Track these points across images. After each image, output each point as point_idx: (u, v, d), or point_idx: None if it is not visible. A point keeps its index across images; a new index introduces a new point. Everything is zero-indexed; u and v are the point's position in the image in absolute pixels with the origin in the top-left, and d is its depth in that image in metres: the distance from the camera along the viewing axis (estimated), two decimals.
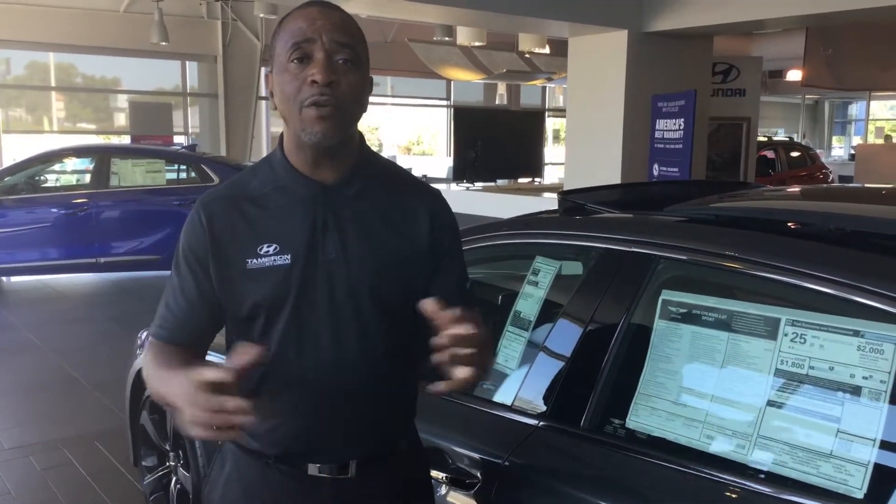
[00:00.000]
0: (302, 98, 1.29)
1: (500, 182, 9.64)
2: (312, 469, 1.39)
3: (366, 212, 1.39)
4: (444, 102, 16.68)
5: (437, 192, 1.50)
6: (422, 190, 1.48)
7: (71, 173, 8.89)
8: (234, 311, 1.38)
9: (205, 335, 1.45)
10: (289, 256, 1.34)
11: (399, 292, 1.40)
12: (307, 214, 1.36)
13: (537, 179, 10.61)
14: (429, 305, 1.20)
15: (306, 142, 1.32)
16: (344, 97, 1.30)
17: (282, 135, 1.41)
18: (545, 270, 2.04)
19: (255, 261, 1.34)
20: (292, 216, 1.36)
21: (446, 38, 11.36)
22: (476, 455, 1.80)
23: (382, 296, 1.38)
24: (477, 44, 11.33)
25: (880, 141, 20.61)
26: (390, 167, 1.50)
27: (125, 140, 12.54)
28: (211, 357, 1.48)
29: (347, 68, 1.31)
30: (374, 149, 1.49)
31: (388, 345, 1.39)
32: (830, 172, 14.84)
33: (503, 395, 1.91)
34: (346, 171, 1.38)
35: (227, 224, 1.36)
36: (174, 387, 1.20)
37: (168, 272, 1.45)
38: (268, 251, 1.34)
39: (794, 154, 14.19)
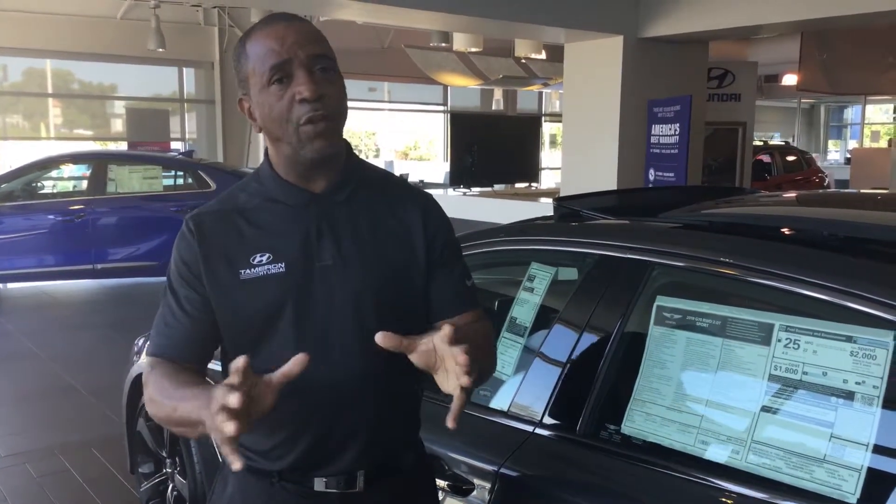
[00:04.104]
0: (296, 117, 1.29)
1: (496, 187, 9.67)
2: (319, 484, 1.36)
3: (358, 216, 1.38)
4: (441, 108, 16.68)
5: (427, 194, 1.50)
6: (411, 192, 1.48)
7: (68, 180, 8.87)
8: (232, 323, 1.36)
9: (206, 351, 1.41)
10: (283, 265, 1.33)
11: (400, 296, 1.39)
12: (300, 222, 1.35)
13: (534, 184, 10.64)
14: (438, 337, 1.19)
15: (305, 157, 1.32)
16: (334, 107, 1.31)
17: (266, 150, 1.39)
18: (541, 277, 2.05)
19: (248, 271, 1.33)
20: (284, 225, 1.35)
21: (443, 45, 11.38)
22: (472, 461, 1.80)
23: (385, 300, 1.37)
24: (473, 50, 11.34)
25: (876, 145, 20.65)
26: (378, 172, 1.50)
27: (122, 146, 12.54)
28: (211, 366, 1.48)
29: (329, 78, 1.32)
30: (372, 154, 1.49)
31: (389, 351, 1.38)
32: (826, 176, 14.89)
33: (499, 401, 1.91)
34: (336, 179, 1.38)
35: (218, 237, 1.35)
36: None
37: (164, 278, 1.44)
38: (261, 260, 1.33)
39: (790, 158, 14.23)
